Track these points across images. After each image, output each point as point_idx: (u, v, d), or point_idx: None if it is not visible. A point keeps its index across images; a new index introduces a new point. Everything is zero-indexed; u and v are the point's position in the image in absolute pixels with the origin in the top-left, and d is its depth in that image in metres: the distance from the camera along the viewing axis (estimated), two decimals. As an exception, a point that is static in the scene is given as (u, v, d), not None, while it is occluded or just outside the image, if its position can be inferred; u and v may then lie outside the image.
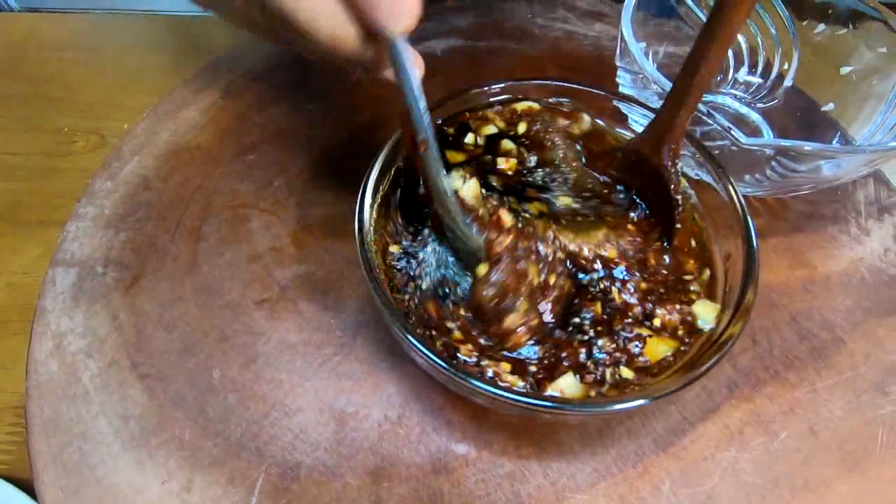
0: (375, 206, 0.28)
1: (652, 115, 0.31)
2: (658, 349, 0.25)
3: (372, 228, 0.27)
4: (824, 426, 0.28)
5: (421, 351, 0.22)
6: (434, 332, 0.26)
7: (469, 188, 0.27)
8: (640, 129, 0.33)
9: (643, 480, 0.26)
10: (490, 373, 0.24)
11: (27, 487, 0.30)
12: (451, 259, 0.28)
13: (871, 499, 0.26)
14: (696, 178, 0.30)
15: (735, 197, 0.27)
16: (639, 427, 0.28)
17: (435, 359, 0.22)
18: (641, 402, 0.22)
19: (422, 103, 0.23)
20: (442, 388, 0.28)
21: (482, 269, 0.26)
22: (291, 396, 0.29)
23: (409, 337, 0.22)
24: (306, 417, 0.28)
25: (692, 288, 0.27)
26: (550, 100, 0.33)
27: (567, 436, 0.28)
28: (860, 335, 0.31)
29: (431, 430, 0.28)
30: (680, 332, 0.25)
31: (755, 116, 0.41)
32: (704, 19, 0.24)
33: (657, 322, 0.26)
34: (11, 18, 0.62)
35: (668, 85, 0.32)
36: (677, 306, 0.26)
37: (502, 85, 0.32)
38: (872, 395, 0.29)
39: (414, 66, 0.22)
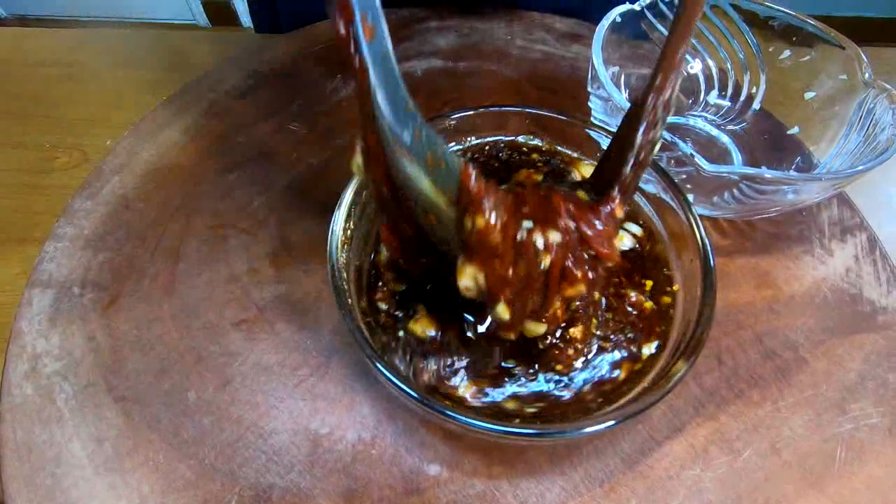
0: (349, 230, 0.28)
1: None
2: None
3: (345, 253, 0.27)
4: (786, 444, 0.29)
5: (390, 379, 0.22)
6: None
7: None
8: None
9: (610, 499, 0.27)
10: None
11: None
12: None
13: (830, 515, 0.27)
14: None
15: (693, 222, 0.28)
16: (607, 446, 0.29)
17: (402, 386, 0.22)
18: (609, 423, 0.22)
19: None
20: (415, 409, 0.29)
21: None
22: (266, 418, 0.29)
23: (379, 365, 0.23)
24: (280, 439, 0.28)
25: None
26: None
27: (537, 455, 0.28)
28: (821, 354, 0.32)
29: (405, 450, 0.28)
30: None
31: (725, 139, 0.43)
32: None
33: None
34: (-5, 33, 0.62)
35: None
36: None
37: (470, 112, 0.33)
38: (833, 414, 0.30)
39: None
